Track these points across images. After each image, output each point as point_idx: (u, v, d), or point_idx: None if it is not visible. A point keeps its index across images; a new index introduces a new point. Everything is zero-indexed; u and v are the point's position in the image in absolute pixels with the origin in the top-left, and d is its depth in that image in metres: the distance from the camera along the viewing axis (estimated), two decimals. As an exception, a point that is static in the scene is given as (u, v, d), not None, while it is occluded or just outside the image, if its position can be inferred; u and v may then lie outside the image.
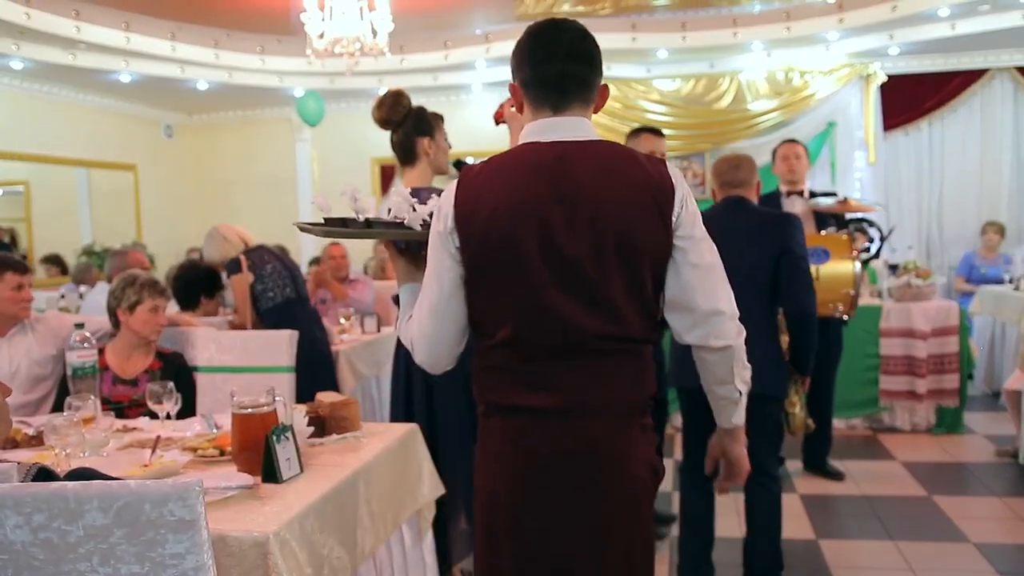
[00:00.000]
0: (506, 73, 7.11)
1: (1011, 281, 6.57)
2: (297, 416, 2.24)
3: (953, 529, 3.89)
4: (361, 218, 1.82)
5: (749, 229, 3.05)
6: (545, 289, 1.61)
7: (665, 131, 8.50)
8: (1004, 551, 3.63)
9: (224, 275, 4.39)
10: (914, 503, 4.27)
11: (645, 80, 8.56)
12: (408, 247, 1.90)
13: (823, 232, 4.40)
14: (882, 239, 4.63)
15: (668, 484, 4.61)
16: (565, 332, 1.62)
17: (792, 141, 4.84)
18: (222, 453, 2.20)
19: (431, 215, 1.76)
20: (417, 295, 1.79)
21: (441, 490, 2.54)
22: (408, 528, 2.37)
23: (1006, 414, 5.32)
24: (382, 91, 9.10)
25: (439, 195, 1.75)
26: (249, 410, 2.09)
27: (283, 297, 4.29)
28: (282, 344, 3.22)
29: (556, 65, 1.69)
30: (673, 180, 1.69)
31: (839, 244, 4.22)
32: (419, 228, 1.81)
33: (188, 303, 4.44)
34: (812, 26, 7.43)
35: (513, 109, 2.02)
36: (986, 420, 5.79)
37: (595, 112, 1.81)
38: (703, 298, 1.67)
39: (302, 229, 1.88)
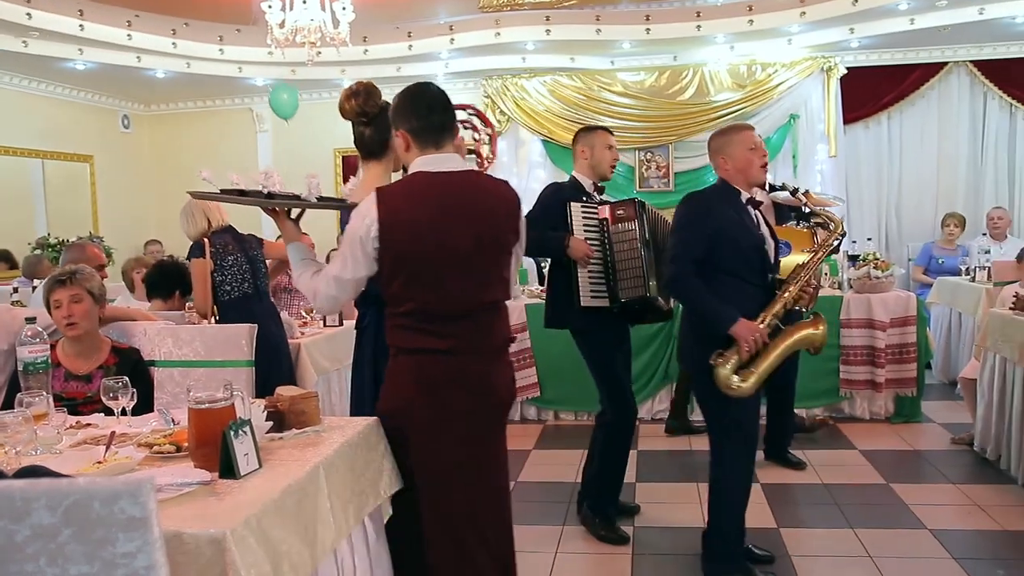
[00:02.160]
0: (472, 63, 7.13)
1: (967, 272, 6.69)
2: (255, 411, 2.21)
3: (910, 516, 3.95)
4: (265, 190, 2.44)
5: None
6: (447, 276, 2.34)
7: (629, 123, 8.60)
8: (959, 537, 3.69)
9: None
10: (872, 491, 4.33)
11: (609, 72, 8.57)
12: (299, 216, 2.59)
13: (785, 225, 4.43)
14: (842, 234, 4.66)
15: (631, 475, 4.64)
16: (458, 302, 2.35)
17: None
18: (179, 449, 2.16)
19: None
20: (304, 253, 2.52)
21: (400, 483, 2.52)
22: (371, 522, 2.35)
23: (962, 403, 5.43)
24: (345, 82, 9.02)
25: None
26: (206, 405, 2.05)
27: (240, 292, 4.25)
28: (241, 338, 3.18)
29: (438, 115, 2.40)
30: (519, 198, 2.52)
31: (801, 238, 4.26)
32: (314, 201, 2.46)
33: (160, 294, 4.43)
34: (774, 19, 7.48)
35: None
36: (943, 408, 5.90)
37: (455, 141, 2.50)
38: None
39: (196, 197, 2.52)
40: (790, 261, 4.03)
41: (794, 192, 3.67)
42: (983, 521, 3.89)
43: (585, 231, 3.72)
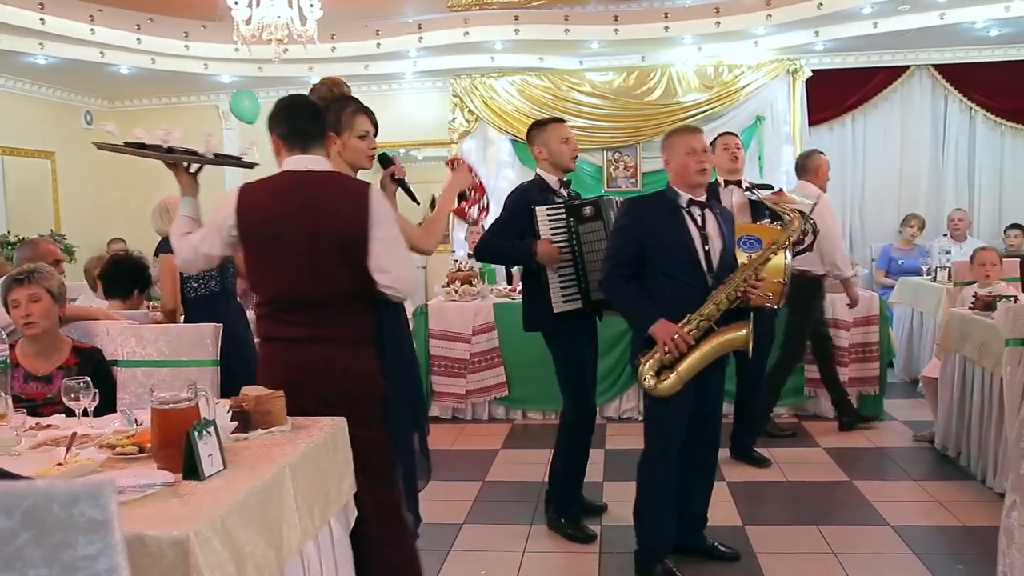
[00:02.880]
0: (440, 62, 7.10)
1: (928, 272, 6.80)
2: (220, 411, 2.18)
3: (872, 512, 4.01)
4: (165, 145, 2.81)
5: None
6: (293, 269, 2.54)
7: (597, 123, 8.61)
8: (920, 533, 3.76)
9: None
10: (836, 488, 4.39)
11: (578, 72, 8.59)
12: (197, 171, 2.94)
13: (759, 223, 4.47)
14: (814, 233, 4.71)
15: (598, 474, 4.66)
16: (303, 294, 2.55)
17: (730, 133, 4.93)
18: (141, 450, 2.13)
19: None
20: (192, 209, 2.84)
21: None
22: (336, 522, 2.33)
23: (923, 401, 5.52)
24: (314, 79, 8.97)
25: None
26: (170, 405, 2.03)
27: (207, 290, 4.20)
28: (206, 337, 3.13)
29: (304, 123, 2.66)
30: (371, 192, 2.60)
31: (772, 234, 4.28)
32: (211, 157, 2.90)
33: (117, 293, 4.33)
34: (741, 21, 7.55)
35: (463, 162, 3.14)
36: (905, 407, 5.99)
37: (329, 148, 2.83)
38: (392, 264, 2.58)
39: (101, 147, 2.83)
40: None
41: (775, 192, 3.71)
42: (943, 517, 3.96)
43: (552, 233, 3.69)
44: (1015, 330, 3.02)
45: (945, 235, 7.73)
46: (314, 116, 2.70)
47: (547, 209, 3.71)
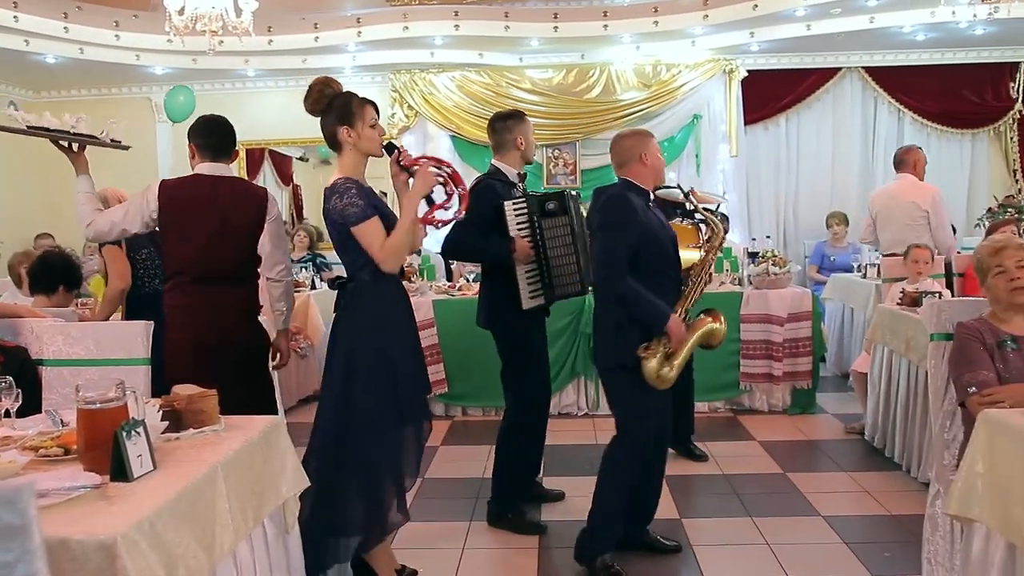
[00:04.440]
0: (380, 57, 7.02)
1: (859, 269, 6.98)
2: (150, 410, 2.13)
3: (805, 504, 4.10)
4: (73, 131, 3.49)
5: (591, 211, 3.36)
6: (203, 249, 3.27)
7: (537, 120, 8.63)
8: (850, 522, 3.86)
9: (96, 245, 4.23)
10: (770, 480, 4.48)
11: (517, 69, 8.60)
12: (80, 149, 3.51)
13: (671, 222, 4.53)
14: (724, 231, 4.79)
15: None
16: (209, 271, 3.27)
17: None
18: (67, 452, 2.07)
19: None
20: (90, 184, 3.46)
21: (306, 483, 2.48)
22: (271, 523, 2.30)
23: (854, 394, 5.66)
24: (250, 72, 8.77)
25: (356, 188, 2.93)
26: (96, 405, 1.97)
27: (151, 288, 4.11)
28: (136, 335, 3.05)
29: (215, 139, 3.42)
30: (269, 195, 3.50)
31: (685, 233, 4.36)
32: (108, 142, 3.58)
33: (43, 287, 4.19)
34: (679, 21, 7.64)
35: (415, 168, 3.06)
36: (836, 400, 6.14)
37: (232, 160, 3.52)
38: (278, 251, 3.53)
39: (2, 130, 3.43)
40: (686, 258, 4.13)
41: (687, 194, 3.78)
42: (872, 507, 4.07)
43: (519, 229, 3.69)
44: (939, 325, 3.11)
45: (875, 233, 7.93)
46: (226, 135, 3.45)
47: (513, 205, 3.72)
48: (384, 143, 3.06)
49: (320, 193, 3.79)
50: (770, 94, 8.65)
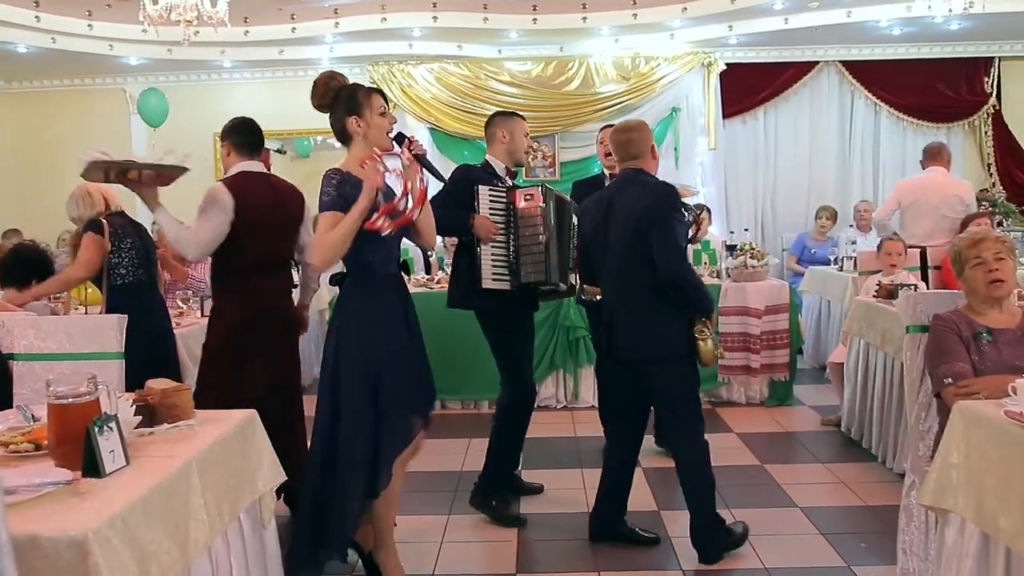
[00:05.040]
0: (358, 48, 7.02)
1: (836, 262, 7.03)
2: (123, 405, 2.11)
3: (782, 495, 4.13)
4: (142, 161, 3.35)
5: (630, 202, 3.35)
6: (273, 240, 3.58)
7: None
8: (826, 513, 3.88)
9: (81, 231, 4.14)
10: (748, 472, 4.50)
11: (496, 61, 8.57)
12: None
13: None
14: (697, 226, 4.79)
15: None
16: (276, 258, 3.63)
17: (609, 126, 4.90)
18: (38, 447, 2.04)
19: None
20: (167, 216, 3.43)
21: (282, 477, 2.46)
22: (247, 517, 2.28)
23: (831, 386, 5.70)
24: (226, 63, 8.67)
25: (340, 178, 2.89)
26: (68, 400, 1.94)
27: (135, 278, 4.06)
28: (110, 328, 3.01)
29: (252, 138, 3.68)
30: (301, 192, 3.77)
31: None
32: (186, 168, 3.42)
33: (15, 280, 4.13)
34: (657, 14, 7.63)
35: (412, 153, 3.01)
36: (813, 392, 6.18)
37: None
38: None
39: (87, 176, 3.30)
40: None
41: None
42: (848, 497, 4.10)
43: (491, 213, 3.75)
44: (914, 317, 3.13)
45: (852, 226, 8.00)
46: (259, 135, 3.71)
47: (489, 189, 3.77)
48: (393, 134, 3.01)
49: (299, 185, 3.81)
50: (748, 87, 8.68)
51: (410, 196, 2.92)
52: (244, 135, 3.67)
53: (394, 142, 3.01)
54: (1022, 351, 2.82)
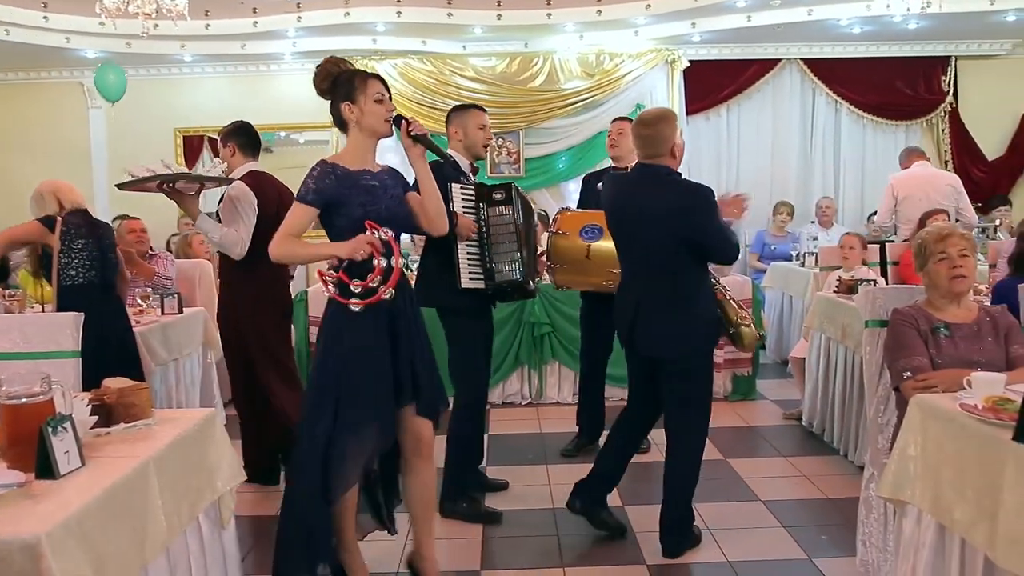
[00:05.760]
0: (320, 43, 7.03)
1: (798, 257, 7.10)
2: (78, 405, 2.07)
3: (745, 489, 4.17)
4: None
5: (655, 201, 3.30)
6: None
7: (480, 108, 8.50)
8: (788, 506, 3.93)
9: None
10: (712, 466, 4.51)
11: (460, 56, 8.54)
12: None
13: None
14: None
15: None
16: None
17: (619, 119, 4.92)
18: (-10, 449, 1.99)
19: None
20: (211, 222, 3.97)
21: (242, 476, 2.43)
22: (206, 518, 2.25)
23: (793, 380, 5.77)
24: (187, 57, 8.55)
25: (321, 170, 2.78)
26: (21, 400, 1.91)
27: (85, 280, 3.99)
28: (65, 327, 2.96)
29: (254, 138, 4.21)
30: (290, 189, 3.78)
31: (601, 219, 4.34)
32: (226, 178, 4.12)
33: None
34: (621, 11, 7.65)
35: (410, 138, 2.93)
36: (776, 386, 6.25)
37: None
38: None
39: (122, 188, 3.94)
40: (599, 246, 4.18)
41: None
42: (810, 491, 4.15)
43: (464, 211, 3.72)
44: (873, 312, 3.18)
45: (813, 222, 8.10)
46: (258, 136, 4.24)
47: (461, 187, 3.75)
48: (394, 117, 2.89)
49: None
50: (712, 84, 8.73)
51: (380, 277, 2.72)
52: (248, 136, 4.16)
53: (393, 126, 2.90)
54: (978, 346, 2.87)
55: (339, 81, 2.88)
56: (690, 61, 8.55)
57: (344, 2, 7.52)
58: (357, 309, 2.71)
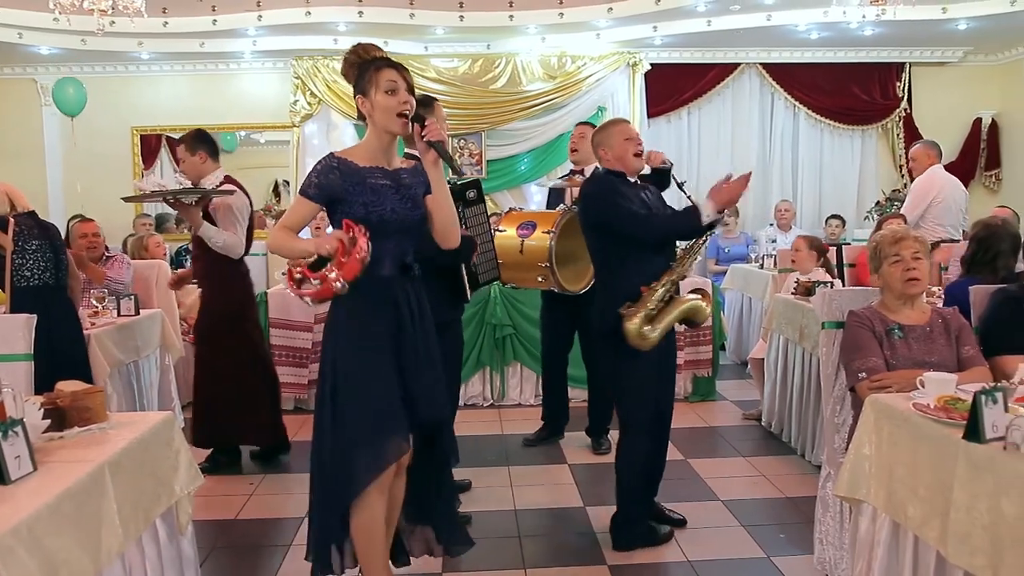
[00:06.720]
0: (281, 42, 6.98)
1: (757, 260, 7.19)
2: (30, 408, 2.02)
3: (705, 489, 4.21)
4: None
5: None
6: (252, 232, 4.50)
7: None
8: (747, 505, 3.97)
9: None
10: (672, 467, 4.52)
11: (422, 57, 8.51)
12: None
13: (555, 209, 4.61)
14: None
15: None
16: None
17: (582, 123, 5.03)
18: (-62, 454, 1.94)
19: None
20: (213, 230, 4.19)
21: (200, 480, 2.40)
22: (163, 523, 2.21)
23: (752, 381, 5.83)
24: (144, 55, 8.43)
25: (326, 164, 2.62)
26: (-30, 404, 1.86)
27: (40, 281, 3.92)
28: (17, 329, 2.90)
29: (217, 146, 4.39)
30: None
31: (546, 219, 4.37)
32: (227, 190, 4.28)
33: None
34: (583, 14, 7.68)
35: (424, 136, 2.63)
36: (735, 387, 6.31)
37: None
38: None
39: (129, 200, 4.69)
40: (531, 242, 4.28)
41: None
42: (768, 490, 4.20)
43: None
44: (830, 313, 3.23)
45: (772, 225, 8.20)
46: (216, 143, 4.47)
47: None
48: (412, 115, 2.62)
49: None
50: (673, 87, 8.80)
51: (337, 270, 2.45)
52: (213, 143, 4.41)
53: (412, 122, 2.64)
54: (931, 347, 2.92)
55: (360, 72, 2.67)
56: (651, 64, 8.61)
57: (305, 1, 7.46)
58: (309, 302, 2.55)
